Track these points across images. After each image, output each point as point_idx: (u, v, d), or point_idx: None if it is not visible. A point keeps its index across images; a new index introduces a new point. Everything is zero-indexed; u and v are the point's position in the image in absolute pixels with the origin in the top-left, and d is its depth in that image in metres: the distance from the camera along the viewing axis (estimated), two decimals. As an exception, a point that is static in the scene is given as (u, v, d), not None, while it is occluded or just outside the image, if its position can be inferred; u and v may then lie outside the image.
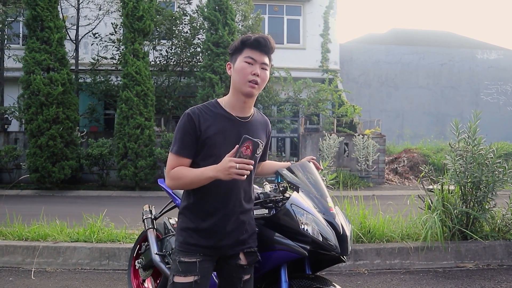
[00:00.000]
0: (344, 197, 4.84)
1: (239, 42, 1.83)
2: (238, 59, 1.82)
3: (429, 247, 4.31)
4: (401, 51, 19.66)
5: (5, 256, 4.39)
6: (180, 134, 1.80)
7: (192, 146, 1.80)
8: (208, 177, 1.70)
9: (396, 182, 12.42)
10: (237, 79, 1.82)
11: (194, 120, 1.79)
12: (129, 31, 10.72)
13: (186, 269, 1.80)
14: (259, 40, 1.80)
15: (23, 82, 10.37)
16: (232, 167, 1.60)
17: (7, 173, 11.71)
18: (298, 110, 14.64)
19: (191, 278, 1.79)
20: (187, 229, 1.85)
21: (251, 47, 1.81)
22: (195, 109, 1.83)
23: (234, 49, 1.85)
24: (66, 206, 8.13)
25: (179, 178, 1.77)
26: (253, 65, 1.80)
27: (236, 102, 1.87)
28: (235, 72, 1.82)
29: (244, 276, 1.91)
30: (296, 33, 17.01)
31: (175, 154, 1.80)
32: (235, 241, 1.88)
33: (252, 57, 1.80)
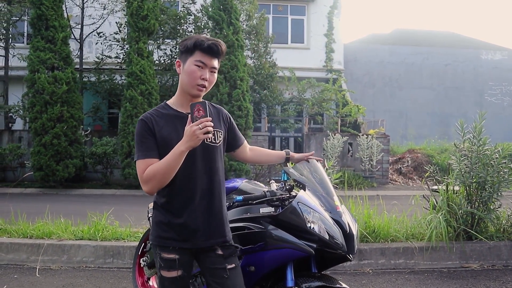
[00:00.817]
0: (349, 196, 4.84)
1: (192, 44, 1.84)
2: (188, 60, 1.85)
3: (433, 247, 4.30)
4: (405, 52, 19.61)
5: (10, 253, 4.41)
6: (141, 139, 1.83)
7: (155, 147, 1.83)
8: (181, 152, 1.71)
9: (400, 182, 12.39)
10: (186, 81, 1.86)
11: (148, 124, 1.84)
12: (134, 30, 10.73)
13: (167, 265, 1.86)
14: (211, 47, 1.84)
15: (27, 80, 10.41)
16: (196, 130, 1.66)
17: (11, 171, 11.75)
18: (302, 109, 14.63)
19: (175, 273, 1.86)
20: (160, 223, 1.89)
21: (203, 51, 1.84)
22: (147, 114, 1.88)
23: (186, 49, 1.86)
24: (70, 205, 8.15)
25: (154, 174, 1.75)
26: (203, 69, 1.85)
27: (184, 100, 1.92)
28: (185, 74, 1.86)
29: (227, 264, 1.91)
30: (300, 33, 16.99)
31: (143, 159, 1.80)
32: (206, 236, 1.89)
33: (203, 61, 1.84)
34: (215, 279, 1.90)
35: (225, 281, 1.89)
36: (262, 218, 2.26)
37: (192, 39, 1.86)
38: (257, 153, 2.31)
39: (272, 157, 2.35)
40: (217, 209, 1.92)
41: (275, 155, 2.35)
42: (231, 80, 10.81)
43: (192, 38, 1.87)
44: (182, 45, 1.88)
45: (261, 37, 13.58)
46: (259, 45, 13.69)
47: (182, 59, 1.89)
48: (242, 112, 10.84)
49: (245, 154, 2.25)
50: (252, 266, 2.21)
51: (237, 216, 2.43)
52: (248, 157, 2.27)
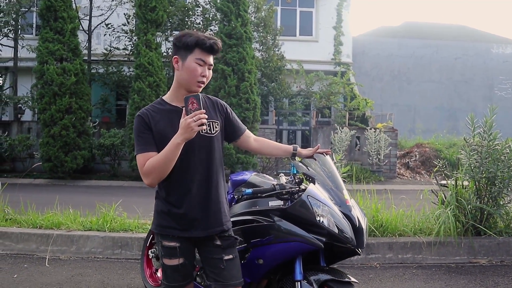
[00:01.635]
0: (356, 190, 4.82)
1: (194, 42, 1.86)
2: (189, 58, 1.87)
3: (442, 242, 4.28)
4: (414, 45, 19.41)
5: (20, 243, 4.46)
6: (139, 134, 1.89)
7: (153, 141, 1.88)
8: (177, 144, 1.76)
9: (407, 176, 12.33)
10: (187, 78, 1.89)
11: (144, 119, 1.89)
12: (142, 22, 10.72)
13: (169, 252, 1.93)
14: (213, 46, 1.88)
15: (36, 72, 10.47)
16: (191, 122, 1.70)
17: (20, 162, 11.87)
18: (310, 103, 14.56)
19: (176, 261, 1.93)
20: (161, 212, 1.96)
21: (203, 50, 1.88)
22: (144, 110, 1.93)
23: (185, 46, 1.87)
24: (78, 196, 8.21)
25: (154, 167, 1.81)
26: (203, 66, 1.89)
27: (180, 95, 1.94)
28: (185, 71, 1.89)
29: (224, 255, 1.95)
30: (308, 25, 16.87)
31: (142, 152, 1.86)
32: (204, 225, 1.93)
33: (203, 59, 1.88)
34: (212, 269, 1.96)
35: (221, 271, 1.94)
36: (271, 211, 2.26)
37: (192, 37, 1.87)
38: (263, 144, 2.32)
39: (278, 150, 2.35)
40: (215, 199, 1.97)
41: (282, 149, 2.34)
42: (239, 73, 10.77)
43: (191, 35, 1.88)
44: (179, 41, 1.89)
45: (270, 29, 13.50)
46: (267, 37, 13.61)
47: (180, 55, 1.90)
48: (249, 104, 10.81)
49: (248, 143, 2.25)
50: (261, 259, 2.22)
51: (246, 209, 2.43)
52: (252, 146, 2.28)
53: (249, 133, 2.26)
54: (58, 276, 3.73)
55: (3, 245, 4.47)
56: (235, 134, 2.18)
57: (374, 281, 3.70)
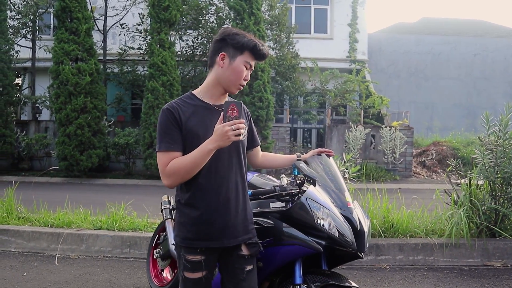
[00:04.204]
0: (367, 190, 4.74)
1: (251, 46, 1.79)
2: (238, 58, 1.80)
3: (454, 244, 4.17)
4: (431, 41, 19.04)
5: (32, 241, 4.52)
6: (165, 130, 1.77)
7: (180, 140, 1.77)
8: (209, 150, 1.67)
9: (423, 175, 12.11)
10: (230, 78, 1.82)
11: (174, 114, 1.77)
12: (155, 21, 10.78)
13: (193, 267, 1.81)
14: (265, 54, 1.84)
15: (52, 72, 10.62)
16: (229, 131, 1.61)
17: (37, 161, 12.09)
18: (325, 101, 14.44)
19: (200, 274, 1.82)
20: (186, 224, 1.83)
21: (254, 55, 1.82)
22: (173, 104, 1.81)
23: (239, 46, 1.79)
24: (92, 194, 8.31)
25: (179, 169, 1.72)
26: (247, 70, 1.84)
27: (215, 93, 1.87)
28: (232, 71, 1.81)
29: (246, 266, 1.87)
30: (323, 22, 16.72)
31: (166, 151, 1.75)
32: (234, 233, 1.84)
33: (251, 64, 1.84)
34: (231, 278, 1.88)
35: (240, 282, 1.87)
36: (271, 213, 2.22)
37: (247, 39, 1.80)
38: (268, 158, 2.28)
39: (284, 161, 2.32)
40: (243, 205, 1.89)
41: (286, 159, 2.31)
42: (252, 71, 10.72)
43: (246, 37, 1.81)
44: (233, 39, 1.80)
45: (283, 27, 13.42)
46: (281, 35, 13.54)
47: (229, 53, 1.80)
48: (263, 103, 10.78)
49: (256, 157, 2.22)
50: (261, 262, 2.18)
51: (246, 210, 2.40)
52: (259, 161, 2.24)
53: (259, 148, 2.23)
54: (66, 274, 3.77)
55: (15, 243, 4.54)
56: (251, 144, 2.12)
57: (383, 283, 3.63)
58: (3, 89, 11.42)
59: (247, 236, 1.88)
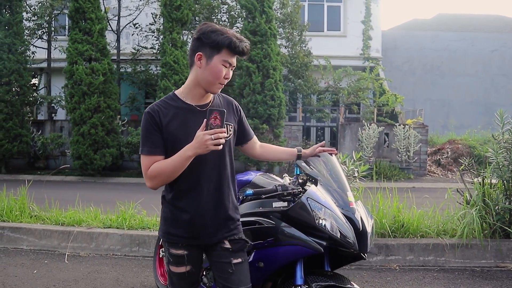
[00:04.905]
0: (378, 189, 4.67)
1: (226, 43, 1.72)
2: (215, 58, 1.75)
3: (466, 245, 4.08)
4: (448, 37, 18.73)
5: (43, 239, 4.59)
6: (146, 134, 1.78)
7: (161, 143, 1.78)
8: (188, 157, 1.68)
9: (438, 174, 11.92)
10: (209, 79, 1.78)
11: (155, 117, 1.77)
12: (167, 21, 10.84)
13: (176, 260, 1.86)
14: (243, 50, 1.77)
15: (66, 72, 10.77)
16: (208, 140, 1.61)
17: (53, 159, 12.27)
18: (338, 99, 14.33)
19: (183, 269, 1.86)
20: (168, 219, 1.88)
21: (233, 52, 1.77)
22: (154, 106, 1.81)
23: (214, 45, 1.73)
24: (105, 193, 8.40)
25: (160, 173, 1.74)
26: (227, 68, 1.79)
27: (197, 93, 1.84)
28: (209, 71, 1.76)
29: (232, 259, 1.88)
30: (336, 20, 16.58)
31: (147, 154, 1.78)
32: (215, 232, 1.87)
33: (230, 62, 1.78)
34: (220, 273, 1.89)
35: (229, 276, 1.87)
36: (272, 213, 2.20)
37: (223, 36, 1.73)
38: (267, 149, 2.25)
39: (282, 154, 2.27)
40: (225, 205, 1.89)
41: (286, 152, 2.27)
42: (264, 70, 10.71)
43: (222, 33, 1.73)
44: (207, 38, 1.73)
45: (296, 25, 13.34)
46: (293, 33, 13.46)
47: (205, 53, 1.75)
48: (275, 102, 10.74)
49: (253, 150, 2.19)
50: (261, 262, 2.16)
51: (249, 210, 2.38)
52: (257, 153, 2.21)
53: (256, 139, 2.19)
54: (75, 272, 3.81)
55: (27, 241, 4.61)
56: (243, 138, 2.10)
57: (391, 284, 3.57)
58: (19, 90, 11.62)
59: (227, 234, 1.89)
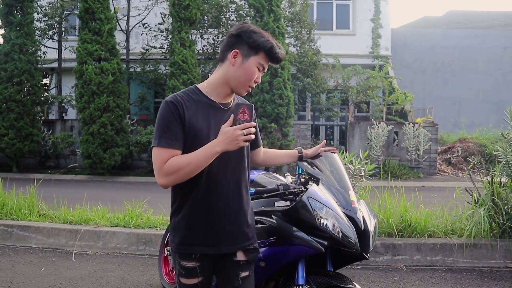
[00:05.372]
0: (385, 188, 4.63)
1: (267, 47, 1.66)
2: (252, 59, 1.67)
3: (475, 245, 4.03)
4: (459, 35, 18.50)
5: (51, 238, 4.63)
6: (167, 124, 1.62)
7: (181, 137, 1.63)
8: (215, 153, 1.56)
9: (449, 173, 11.80)
10: (241, 79, 1.69)
11: (178, 108, 1.63)
12: (176, 20, 10.88)
13: (188, 273, 1.73)
14: (280, 58, 1.72)
15: (76, 72, 10.87)
16: (240, 135, 1.53)
17: (63, 159, 12.41)
18: (347, 98, 14.26)
19: (195, 280, 1.74)
20: (182, 228, 1.72)
21: (269, 57, 1.70)
22: (177, 97, 1.67)
23: (255, 45, 1.66)
24: (114, 191, 8.46)
25: (178, 169, 1.58)
26: (260, 72, 1.72)
27: (222, 91, 1.74)
28: (242, 71, 1.68)
29: (241, 273, 1.78)
30: (345, 18, 16.49)
31: (165, 147, 1.60)
32: (233, 239, 1.75)
33: (264, 66, 1.72)
34: (225, 284, 1.81)
35: None
36: (274, 212, 2.19)
37: (265, 39, 1.67)
38: (269, 155, 2.19)
39: (284, 157, 2.23)
40: (244, 211, 1.79)
41: (287, 155, 2.22)
42: (272, 69, 10.68)
43: (265, 37, 1.68)
44: (249, 38, 1.66)
45: (304, 24, 13.29)
46: (302, 32, 13.42)
47: (243, 51, 1.67)
48: (283, 100, 10.72)
49: (258, 157, 2.12)
50: (263, 262, 2.15)
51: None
52: (260, 160, 2.14)
53: (261, 148, 2.14)
54: (82, 270, 3.84)
55: (35, 239, 4.66)
56: (254, 144, 2.01)
57: (398, 284, 3.54)
58: (30, 89, 11.75)
59: (246, 243, 1.78)
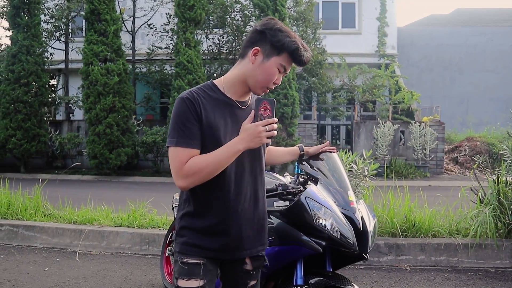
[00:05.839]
0: (392, 187, 4.60)
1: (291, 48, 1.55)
2: (273, 59, 1.56)
3: (480, 245, 3.99)
4: (466, 33, 18.34)
5: (56, 237, 4.66)
6: (184, 123, 1.51)
7: (199, 136, 1.53)
8: (238, 151, 1.49)
9: (456, 172, 11.70)
10: (259, 78, 1.58)
11: (195, 105, 1.53)
12: (181, 21, 10.90)
13: (190, 271, 1.58)
14: (305, 61, 1.59)
15: (82, 73, 10.94)
16: (262, 131, 1.45)
17: (70, 159, 12.49)
18: (353, 97, 14.20)
19: (197, 283, 1.58)
20: (188, 229, 1.62)
21: (293, 59, 1.58)
22: (193, 93, 1.56)
23: (278, 45, 1.55)
24: (120, 191, 8.50)
25: (200, 169, 1.49)
26: (281, 73, 1.61)
27: (240, 89, 1.64)
28: (262, 71, 1.57)
29: (250, 282, 1.72)
30: (351, 17, 16.41)
31: (184, 147, 1.51)
32: (248, 244, 1.66)
33: (286, 68, 1.60)
34: None
35: None
36: (272, 212, 2.18)
37: (291, 40, 1.55)
38: (271, 153, 2.11)
39: (286, 155, 2.17)
40: (261, 214, 1.71)
41: (289, 153, 2.17)
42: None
43: (291, 37, 1.56)
44: (274, 35, 1.55)
45: (309, 23, 13.26)
46: (307, 31, 13.38)
47: (264, 49, 1.56)
48: (288, 100, 10.71)
49: None
50: (261, 262, 2.14)
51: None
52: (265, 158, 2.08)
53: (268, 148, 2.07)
54: (85, 270, 3.86)
55: (40, 239, 4.69)
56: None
57: (401, 284, 3.51)
58: (37, 90, 11.84)
59: (262, 247, 1.73)
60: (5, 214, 5.11)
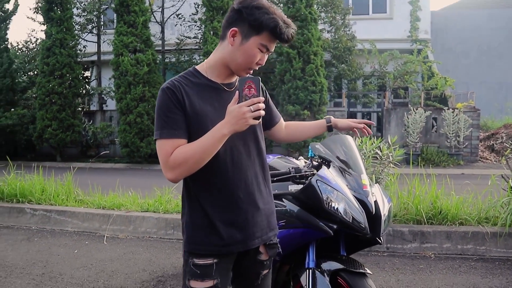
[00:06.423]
0: (417, 174, 4.50)
1: (270, 27, 1.43)
2: (252, 39, 1.46)
3: (510, 234, 3.85)
4: (506, 15, 17.49)
5: (86, 222, 4.84)
6: (166, 113, 1.45)
7: (184, 125, 1.46)
8: (222, 135, 1.38)
9: (492, 160, 11.27)
10: (239, 61, 1.50)
11: (176, 94, 1.45)
12: (208, 10, 10.95)
13: (202, 273, 1.51)
14: (288, 37, 1.47)
15: (113, 64, 11.19)
16: (246, 112, 1.33)
17: (103, 148, 12.86)
18: (384, 83, 13.88)
19: (210, 283, 1.50)
20: (195, 225, 1.53)
21: (275, 36, 1.46)
22: (174, 82, 1.49)
23: (256, 24, 1.44)
24: (150, 179, 8.65)
25: (185, 159, 1.40)
26: (263, 53, 1.50)
27: (222, 71, 1.56)
28: (241, 53, 1.48)
29: (263, 271, 1.67)
30: (382, 2, 15.95)
31: (168, 138, 1.44)
32: (259, 231, 1.58)
33: (268, 47, 1.49)
34: (243, 281, 1.69)
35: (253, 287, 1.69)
36: (285, 195, 2.18)
37: (269, 17, 1.43)
38: (292, 129, 1.97)
39: (310, 129, 1.99)
40: (267, 198, 1.64)
41: (314, 126, 1.98)
42: (304, 55, 10.57)
43: (269, 13, 1.44)
44: (250, 14, 1.44)
45: (338, 9, 13.01)
46: (336, 17, 13.14)
47: (242, 30, 1.46)
48: (316, 87, 10.59)
49: (280, 133, 1.93)
50: (274, 244, 2.15)
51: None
52: (283, 136, 1.95)
53: (282, 121, 1.94)
54: (112, 253, 3.99)
55: (71, 223, 4.89)
56: (272, 121, 1.86)
57: (423, 272, 3.44)
58: (71, 82, 12.23)
59: (271, 233, 1.65)
60: (39, 200, 5.35)
